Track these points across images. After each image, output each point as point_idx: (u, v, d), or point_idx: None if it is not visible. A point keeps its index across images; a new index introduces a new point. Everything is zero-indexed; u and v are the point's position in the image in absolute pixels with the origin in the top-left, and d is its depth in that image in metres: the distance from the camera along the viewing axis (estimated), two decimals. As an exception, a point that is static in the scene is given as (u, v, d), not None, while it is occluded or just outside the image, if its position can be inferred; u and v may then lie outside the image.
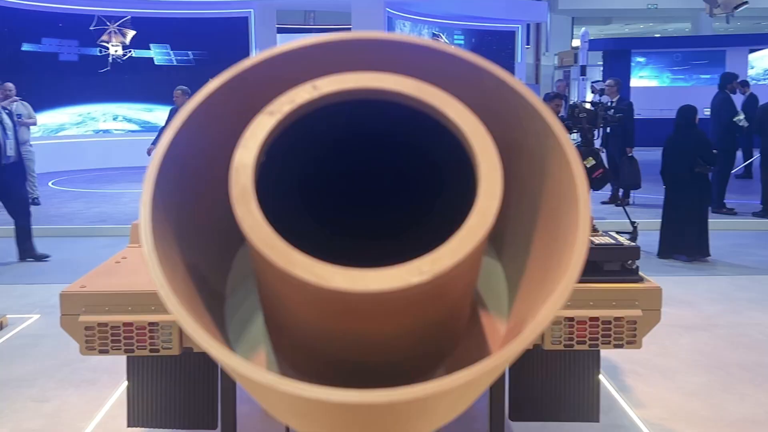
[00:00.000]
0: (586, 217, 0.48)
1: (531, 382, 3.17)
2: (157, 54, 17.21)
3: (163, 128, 9.96)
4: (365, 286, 0.43)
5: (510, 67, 20.49)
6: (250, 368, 0.43)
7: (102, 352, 2.65)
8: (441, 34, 19.63)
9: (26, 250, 7.65)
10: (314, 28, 21.32)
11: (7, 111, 7.79)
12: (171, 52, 17.14)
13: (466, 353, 0.57)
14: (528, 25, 21.83)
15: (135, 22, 16.79)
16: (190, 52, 17.10)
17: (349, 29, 16.94)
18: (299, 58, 0.52)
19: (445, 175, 0.52)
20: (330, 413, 0.46)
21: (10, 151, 7.44)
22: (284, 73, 0.51)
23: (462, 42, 20.14)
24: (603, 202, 10.69)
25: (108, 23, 16.56)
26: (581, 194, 0.49)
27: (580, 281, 2.50)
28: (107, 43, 16.79)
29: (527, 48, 22.09)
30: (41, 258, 7.67)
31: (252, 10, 16.99)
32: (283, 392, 0.44)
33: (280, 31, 18.44)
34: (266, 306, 0.54)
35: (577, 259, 0.47)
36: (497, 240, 0.61)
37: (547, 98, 9.45)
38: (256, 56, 0.54)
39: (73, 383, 4.45)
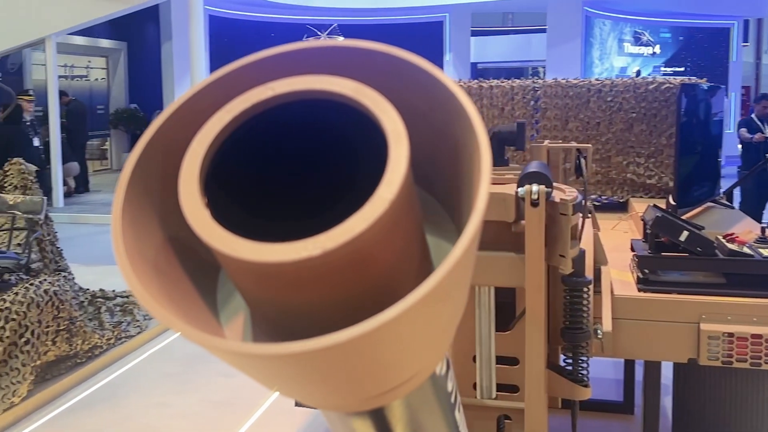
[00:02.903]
0: (481, 207, 0.52)
1: (695, 398, 3.00)
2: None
3: None
4: (266, 257, 0.50)
5: (724, 67, 19.05)
6: (172, 320, 0.52)
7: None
8: (644, 32, 18.69)
9: None
10: (510, 30, 21.20)
11: None
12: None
13: None
14: (746, 21, 20.12)
15: (342, 29, 17.73)
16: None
17: (545, 30, 16.66)
18: (277, 64, 0.60)
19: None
20: (266, 369, 0.54)
21: None
22: (263, 76, 0.60)
23: (669, 40, 19.06)
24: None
25: (319, 32, 17.61)
26: (484, 175, 0.52)
27: (741, 295, 2.29)
28: (322, 51, 17.87)
29: (745, 46, 20.37)
30: None
31: (447, 14, 17.30)
32: (207, 345, 0.52)
33: (475, 33, 18.54)
34: None
35: (465, 235, 0.51)
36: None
37: (756, 100, 8.81)
38: (237, 62, 0.62)
39: (256, 363, 4.87)
